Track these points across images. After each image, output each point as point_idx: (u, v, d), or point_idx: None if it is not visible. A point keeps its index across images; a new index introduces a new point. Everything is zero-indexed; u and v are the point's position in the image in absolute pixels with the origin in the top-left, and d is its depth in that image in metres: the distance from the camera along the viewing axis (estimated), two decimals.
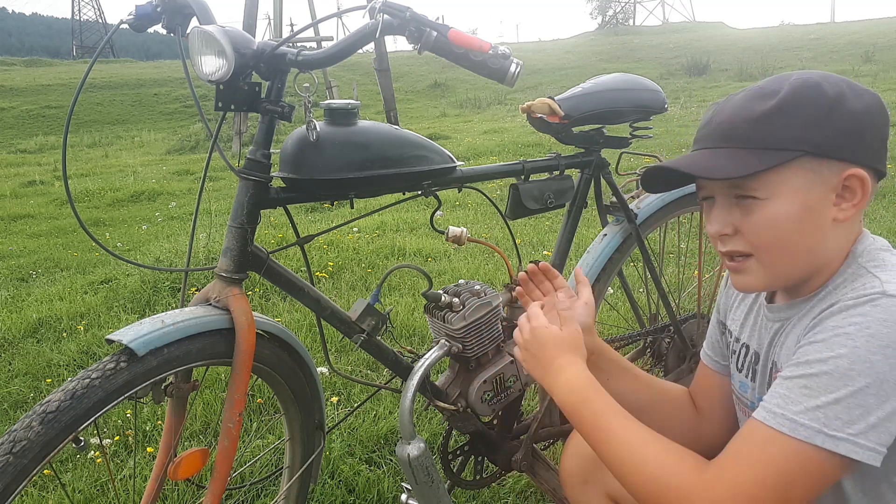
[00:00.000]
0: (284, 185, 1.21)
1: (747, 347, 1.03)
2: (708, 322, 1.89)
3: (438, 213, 4.94)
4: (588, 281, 1.19)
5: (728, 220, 0.90)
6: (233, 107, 1.11)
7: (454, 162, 1.35)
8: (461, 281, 1.45)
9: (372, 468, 1.91)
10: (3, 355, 2.86)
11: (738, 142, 0.87)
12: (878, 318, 0.77)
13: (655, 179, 0.99)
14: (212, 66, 1.06)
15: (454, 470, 1.55)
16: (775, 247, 0.87)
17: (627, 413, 0.91)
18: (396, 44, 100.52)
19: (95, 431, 1.92)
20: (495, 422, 1.58)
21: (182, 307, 1.14)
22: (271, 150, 1.16)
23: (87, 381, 0.96)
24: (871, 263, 0.86)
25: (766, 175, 0.85)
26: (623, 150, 1.71)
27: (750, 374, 1.01)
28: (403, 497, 1.38)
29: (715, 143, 0.89)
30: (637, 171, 1.78)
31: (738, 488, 0.80)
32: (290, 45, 1.13)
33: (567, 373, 0.96)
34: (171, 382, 1.14)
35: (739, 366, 1.05)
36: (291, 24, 19.22)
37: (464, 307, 1.36)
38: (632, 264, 2.83)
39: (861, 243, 0.89)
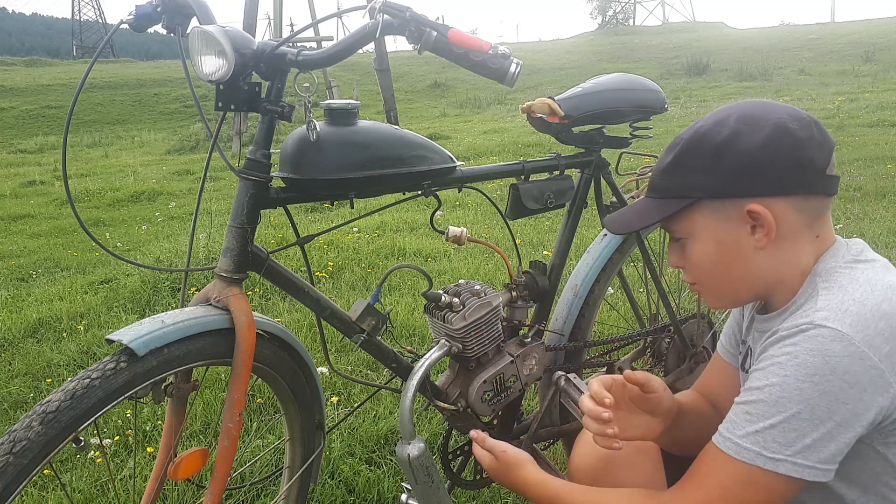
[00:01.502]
0: (284, 185, 1.21)
1: (751, 351, 1.06)
2: (708, 322, 1.89)
3: (438, 213, 4.94)
4: (650, 380, 1.03)
5: (676, 255, 1.01)
6: (233, 107, 1.11)
7: (454, 162, 1.35)
8: (461, 281, 1.45)
9: (372, 468, 1.91)
10: (3, 355, 2.86)
11: (654, 192, 0.99)
12: (806, 348, 0.82)
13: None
14: (212, 66, 1.06)
15: (454, 470, 1.56)
16: (705, 278, 0.98)
17: (574, 484, 1.03)
18: (396, 44, 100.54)
19: (95, 431, 1.92)
20: (495, 422, 1.58)
21: (182, 307, 1.14)
22: (271, 150, 1.16)
23: (87, 381, 0.96)
24: (824, 284, 0.89)
25: (679, 220, 0.96)
26: (623, 150, 1.71)
27: None
28: (403, 497, 1.38)
29: (648, 193, 1.02)
30: (637, 172, 1.79)
31: None
32: (290, 45, 1.13)
33: (525, 488, 1.08)
34: (171, 382, 1.14)
35: (746, 367, 1.07)
36: (291, 24, 19.24)
37: (464, 307, 1.36)
38: (632, 264, 2.83)
39: (823, 261, 0.92)
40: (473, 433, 1.17)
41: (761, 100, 0.96)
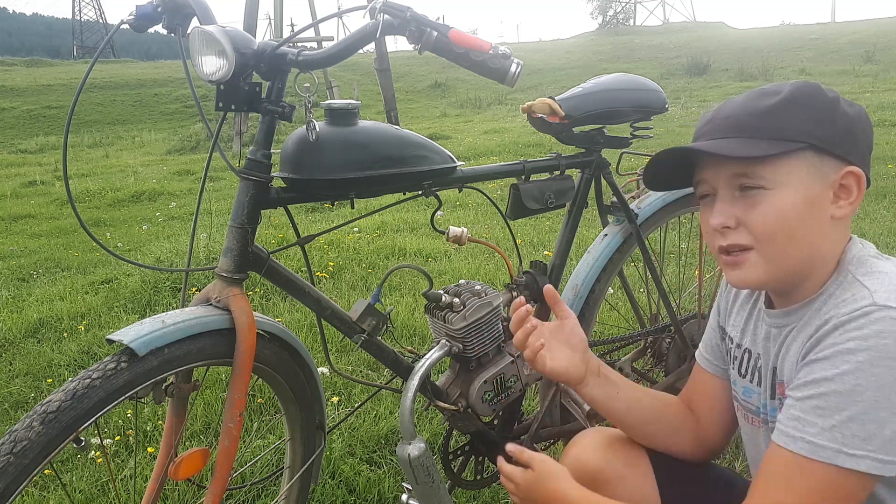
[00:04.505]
0: (285, 185, 1.21)
1: (750, 352, 1.03)
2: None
3: (439, 213, 4.93)
4: (560, 300, 1.13)
5: (731, 211, 0.90)
6: (233, 107, 1.11)
7: (455, 162, 1.35)
8: (462, 281, 1.45)
9: (372, 468, 1.91)
10: (3, 355, 2.87)
11: (747, 132, 0.89)
12: (876, 331, 0.77)
13: (660, 171, 1.00)
14: (212, 66, 1.06)
15: (455, 470, 1.55)
16: (779, 237, 0.88)
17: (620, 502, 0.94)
18: (397, 44, 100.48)
19: (96, 431, 1.92)
20: (496, 422, 1.58)
21: (182, 307, 1.14)
22: (272, 151, 1.16)
23: (88, 381, 0.96)
24: (861, 271, 0.87)
25: (773, 164, 0.87)
26: (623, 150, 1.71)
27: (756, 380, 1.01)
28: (404, 497, 1.38)
29: (722, 134, 0.91)
30: (637, 172, 1.78)
31: None
32: (291, 45, 1.13)
33: (563, 501, 0.97)
34: (171, 382, 1.14)
35: (742, 371, 1.04)
36: (292, 24, 19.26)
37: (464, 307, 1.36)
38: (632, 264, 2.83)
39: (850, 251, 0.91)
40: (510, 447, 1.06)
41: None
